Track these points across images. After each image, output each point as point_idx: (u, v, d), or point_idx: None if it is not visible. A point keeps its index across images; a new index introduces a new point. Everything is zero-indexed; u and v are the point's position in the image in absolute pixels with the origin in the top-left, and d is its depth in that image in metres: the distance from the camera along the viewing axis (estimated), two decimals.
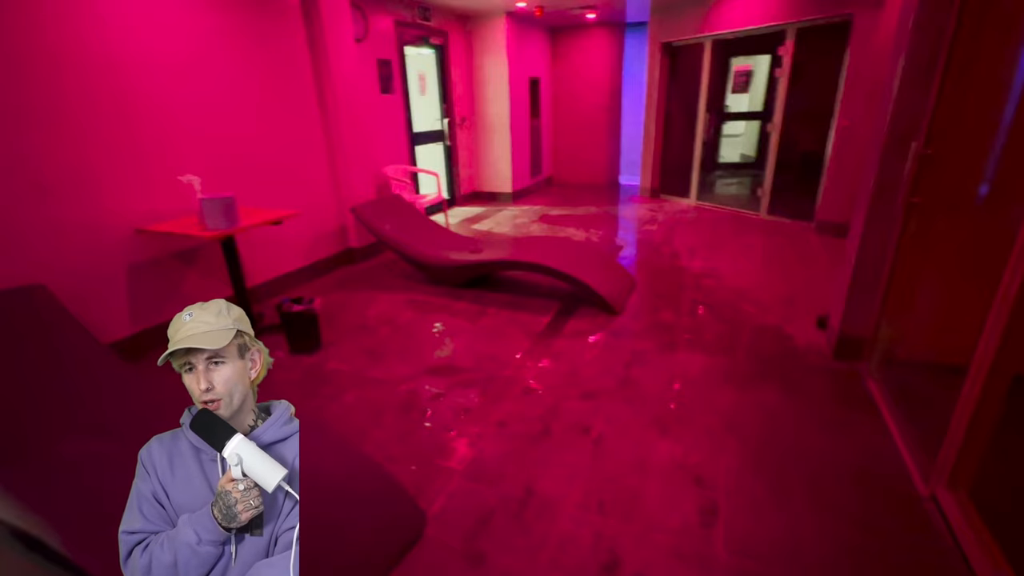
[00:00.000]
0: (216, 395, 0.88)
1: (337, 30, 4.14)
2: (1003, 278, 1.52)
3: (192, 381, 0.88)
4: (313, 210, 4.25)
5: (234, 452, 0.85)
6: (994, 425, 1.61)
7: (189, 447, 0.92)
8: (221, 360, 0.89)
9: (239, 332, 0.92)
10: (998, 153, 1.94)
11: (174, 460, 0.91)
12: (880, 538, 1.70)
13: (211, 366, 0.88)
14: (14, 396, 1.90)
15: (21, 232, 2.49)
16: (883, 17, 4.43)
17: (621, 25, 8.00)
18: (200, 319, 0.89)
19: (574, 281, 3.51)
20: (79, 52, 2.64)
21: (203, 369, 0.87)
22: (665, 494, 1.91)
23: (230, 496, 0.84)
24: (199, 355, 0.87)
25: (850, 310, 2.69)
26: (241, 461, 0.85)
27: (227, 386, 0.89)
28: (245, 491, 0.84)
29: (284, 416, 0.98)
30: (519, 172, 7.54)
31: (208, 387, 0.87)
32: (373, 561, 1.59)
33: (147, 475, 0.90)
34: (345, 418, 2.42)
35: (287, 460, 0.90)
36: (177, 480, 0.90)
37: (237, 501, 0.84)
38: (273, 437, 0.94)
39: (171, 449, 0.92)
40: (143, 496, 0.89)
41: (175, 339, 0.87)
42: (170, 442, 0.93)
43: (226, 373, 0.89)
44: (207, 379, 0.88)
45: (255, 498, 0.85)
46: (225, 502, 0.84)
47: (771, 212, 6.00)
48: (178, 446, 0.92)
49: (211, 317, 0.89)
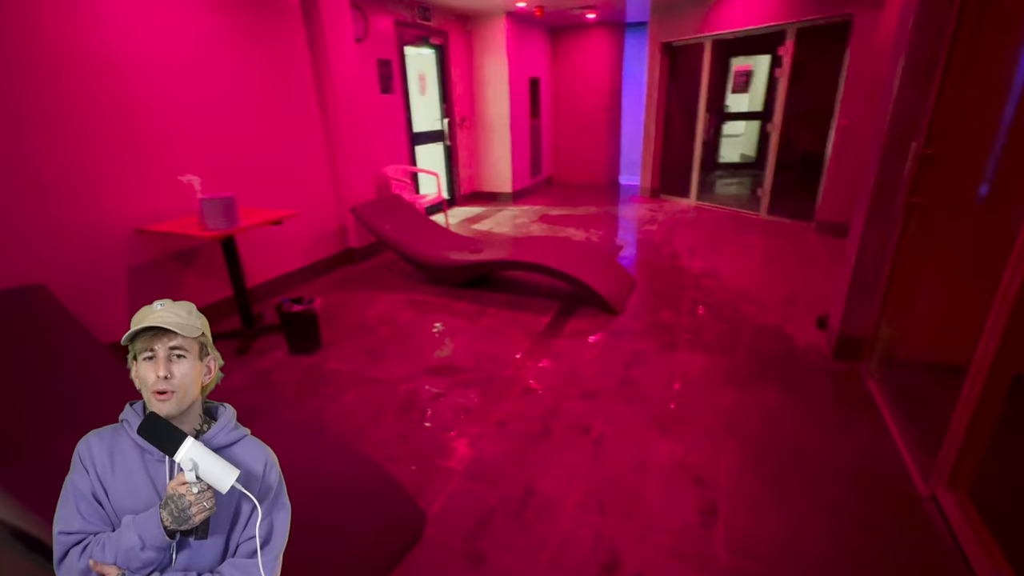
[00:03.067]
0: (172, 386, 0.86)
1: (337, 30, 4.14)
2: (1003, 278, 1.52)
3: (149, 369, 0.86)
4: (313, 210, 4.25)
5: (188, 456, 0.84)
6: (994, 425, 1.61)
7: (132, 445, 0.89)
8: (183, 354, 0.88)
9: (203, 333, 0.92)
10: (998, 153, 1.94)
11: (115, 457, 0.88)
12: (880, 538, 1.70)
13: (173, 357, 0.87)
14: (14, 396, 1.90)
15: (21, 232, 2.49)
16: (883, 17, 4.43)
17: (621, 25, 8.00)
18: (172, 310, 0.89)
19: (574, 281, 3.51)
20: (79, 52, 2.64)
21: (164, 357, 0.86)
22: (665, 494, 1.91)
23: (184, 499, 0.83)
24: (163, 342, 0.86)
25: (850, 310, 2.69)
26: (196, 466, 0.84)
27: (184, 380, 0.88)
28: (199, 494, 0.83)
29: (231, 422, 0.97)
30: (519, 172, 7.54)
31: (167, 375, 0.86)
32: (373, 561, 1.59)
33: (85, 472, 0.87)
34: (345, 418, 2.42)
35: (237, 464, 0.88)
36: (118, 479, 0.88)
37: (191, 504, 0.83)
38: (223, 441, 0.93)
39: (111, 445, 0.89)
40: (80, 494, 0.86)
41: (144, 320, 0.86)
42: (110, 438, 0.90)
43: (185, 367, 0.88)
44: (167, 368, 0.86)
45: (208, 500, 0.84)
46: (178, 505, 0.82)
47: (771, 212, 6.00)
48: (119, 443, 0.89)
49: (182, 311, 0.90)
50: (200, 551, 0.90)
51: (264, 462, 0.96)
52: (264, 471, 0.95)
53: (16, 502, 1.43)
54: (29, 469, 1.59)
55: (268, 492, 0.95)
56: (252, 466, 0.93)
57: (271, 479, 0.96)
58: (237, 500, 0.92)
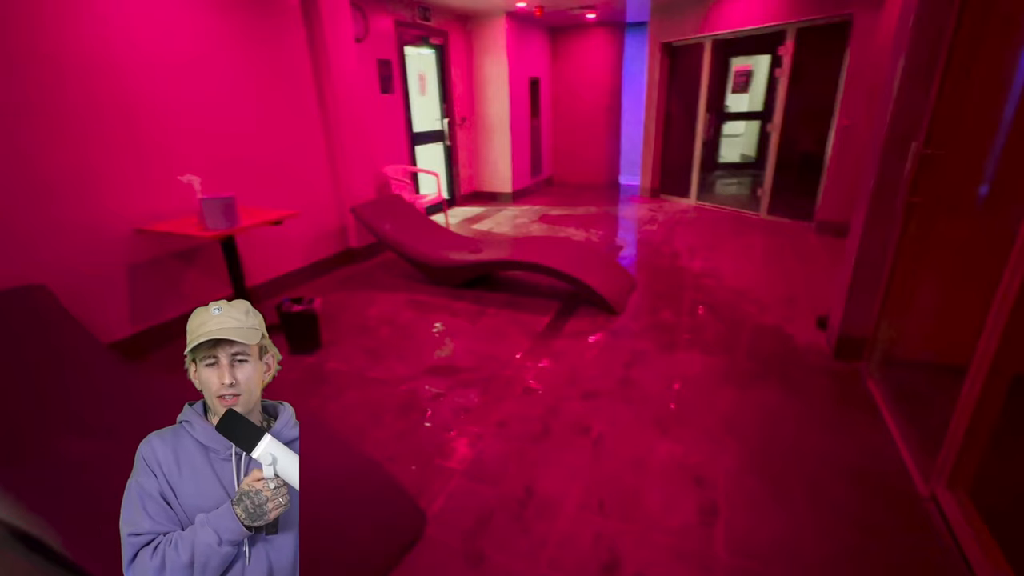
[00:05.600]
0: (238, 390, 0.88)
1: (337, 30, 4.14)
2: (1003, 278, 1.52)
3: (213, 375, 0.87)
4: (313, 210, 4.25)
5: (267, 452, 0.85)
6: (994, 425, 1.61)
7: (195, 444, 0.90)
8: (245, 358, 0.89)
9: (263, 335, 0.93)
10: (998, 153, 1.94)
11: (180, 457, 0.88)
12: (880, 538, 1.70)
13: (235, 362, 0.88)
14: (14, 396, 1.90)
15: (21, 232, 2.49)
16: (883, 17, 4.43)
17: (621, 25, 8.00)
18: (229, 314, 0.89)
19: (574, 281, 3.51)
20: (80, 52, 2.64)
21: (227, 364, 0.87)
22: (665, 494, 1.91)
23: (260, 495, 0.84)
24: (226, 350, 0.87)
25: (850, 310, 2.69)
26: (275, 461, 0.85)
27: (248, 384, 0.89)
28: (275, 489, 0.85)
29: (291, 418, 0.98)
30: (519, 172, 7.54)
31: (232, 382, 0.87)
32: (373, 561, 1.59)
33: (151, 473, 0.86)
34: (345, 418, 2.42)
35: None
36: (185, 478, 0.88)
37: (268, 499, 0.84)
38: (288, 437, 0.94)
39: (175, 446, 0.89)
40: (148, 495, 0.85)
41: (205, 329, 0.86)
42: (172, 439, 0.90)
43: (248, 371, 0.89)
44: (231, 375, 0.87)
45: (284, 495, 0.86)
46: (254, 501, 0.83)
47: (771, 212, 6.00)
48: (182, 443, 0.90)
49: (240, 315, 0.90)
50: (276, 547, 0.90)
51: None
52: None
53: (16, 502, 1.43)
54: (29, 469, 1.59)
55: None
56: None
57: None
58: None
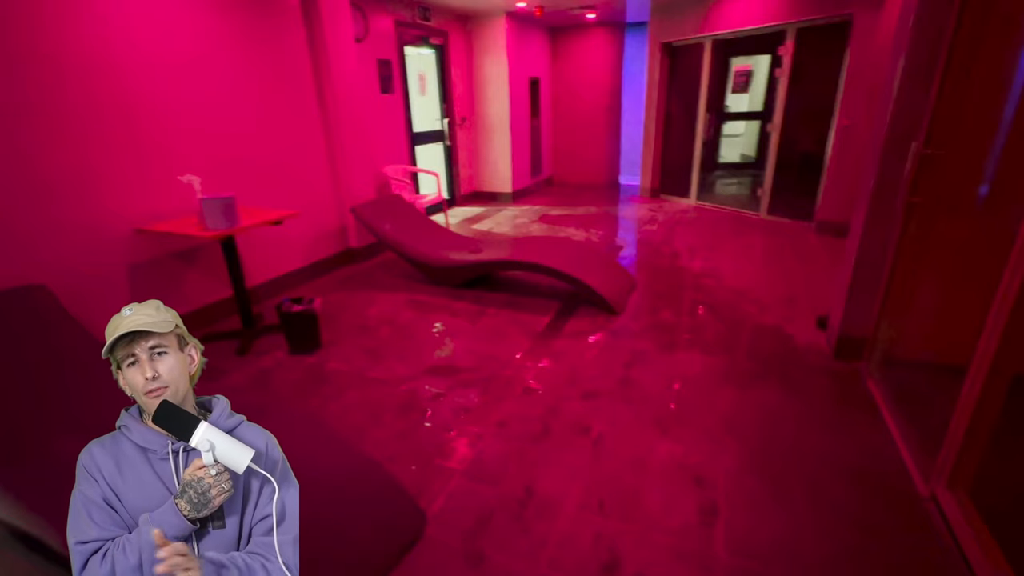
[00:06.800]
0: (163, 383, 0.88)
1: (337, 30, 4.14)
2: (1003, 278, 1.52)
3: (136, 373, 0.88)
4: (313, 210, 4.25)
5: (204, 438, 0.85)
6: (994, 425, 1.61)
7: (133, 448, 0.91)
8: (164, 350, 0.90)
9: (177, 325, 0.94)
10: (998, 153, 1.94)
11: (121, 462, 0.89)
12: (880, 538, 1.70)
13: (155, 356, 0.89)
14: (14, 396, 1.90)
15: (21, 232, 2.49)
16: (883, 17, 4.43)
17: (621, 25, 8.00)
18: (141, 312, 0.90)
19: (574, 281, 3.50)
20: (80, 52, 2.64)
21: (147, 359, 0.88)
22: (665, 494, 1.91)
23: (203, 482, 0.84)
24: (142, 345, 0.88)
25: (850, 310, 2.69)
26: (213, 447, 0.85)
27: (172, 375, 0.90)
28: (217, 476, 0.85)
29: (227, 409, 0.99)
30: (519, 172, 7.54)
31: (154, 375, 0.88)
32: (373, 561, 1.59)
33: (92, 480, 0.88)
34: (345, 418, 2.42)
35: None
36: (128, 482, 0.89)
37: (211, 486, 0.84)
38: (224, 426, 0.94)
39: (115, 452, 0.90)
40: (92, 502, 0.86)
41: (118, 329, 0.87)
42: (112, 445, 0.91)
43: (170, 362, 0.90)
44: (152, 368, 0.88)
45: (226, 482, 0.86)
46: (197, 489, 0.84)
47: (771, 212, 6.00)
48: (121, 448, 0.91)
49: (151, 310, 0.91)
50: (217, 536, 0.92)
51: (265, 442, 0.99)
52: (267, 449, 0.98)
53: (16, 502, 1.43)
54: (29, 469, 1.59)
55: (274, 468, 0.97)
56: (255, 445, 0.95)
57: (275, 456, 0.99)
58: (246, 481, 0.94)
